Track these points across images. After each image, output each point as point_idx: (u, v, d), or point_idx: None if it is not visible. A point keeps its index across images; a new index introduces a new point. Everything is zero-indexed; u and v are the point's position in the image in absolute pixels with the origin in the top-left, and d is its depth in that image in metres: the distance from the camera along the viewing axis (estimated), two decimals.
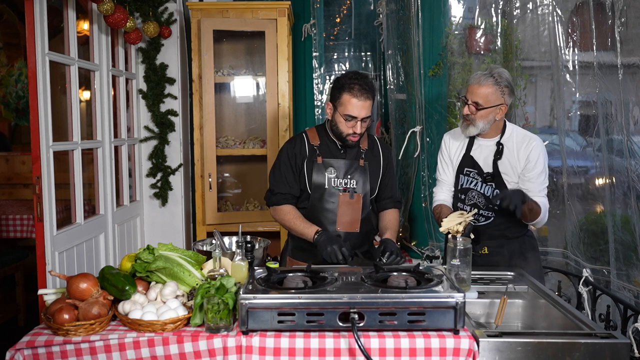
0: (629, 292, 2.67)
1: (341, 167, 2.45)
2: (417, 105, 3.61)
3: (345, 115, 2.34)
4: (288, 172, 2.48)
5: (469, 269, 2.11)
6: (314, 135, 2.52)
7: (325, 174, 2.44)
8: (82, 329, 1.74)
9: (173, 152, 4.05)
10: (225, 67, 3.93)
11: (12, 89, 5.72)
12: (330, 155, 2.47)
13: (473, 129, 2.44)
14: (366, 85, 2.33)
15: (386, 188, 2.58)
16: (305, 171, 2.45)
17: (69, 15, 3.13)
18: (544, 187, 2.46)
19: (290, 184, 2.48)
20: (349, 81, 2.34)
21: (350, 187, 2.45)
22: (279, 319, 1.73)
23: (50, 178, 2.87)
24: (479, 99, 2.38)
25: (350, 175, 2.45)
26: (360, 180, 2.46)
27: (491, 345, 1.70)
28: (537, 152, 2.44)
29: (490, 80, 2.37)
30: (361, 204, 2.45)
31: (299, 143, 2.50)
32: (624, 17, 2.62)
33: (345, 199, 2.44)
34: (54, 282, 2.86)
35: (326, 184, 2.44)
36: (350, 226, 2.45)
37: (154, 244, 2.13)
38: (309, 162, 2.46)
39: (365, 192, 2.46)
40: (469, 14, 3.52)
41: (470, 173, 2.53)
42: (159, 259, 1.99)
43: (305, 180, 2.45)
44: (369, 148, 2.54)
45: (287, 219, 2.46)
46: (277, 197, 2.49)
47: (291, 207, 2.49)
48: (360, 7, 4.42)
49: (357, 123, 2.34)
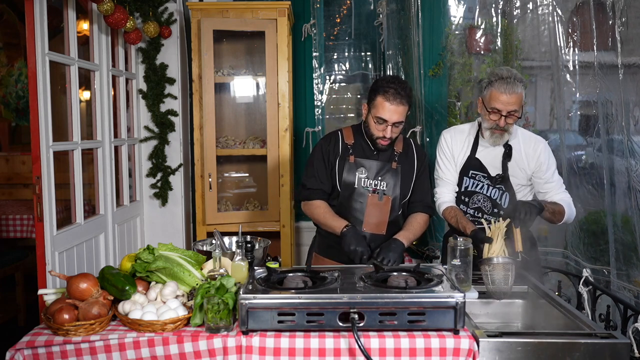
0: (629, 292, 2.67)
1: (372, 167, 2.44)
2: (417, 105, 3.61)
3: (377, 117, 2.33)
4: (320, 168, 2.48)
5: (469, 268, 2.11)
6: (349, 133, 2.52)
7: (356, 173, 2.43)
8: (82, 329, 1.74)
9: (173, 152, 4.05)
10: (225, 67, 3.93)
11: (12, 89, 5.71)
12: (363, 156, 2.47)
13: (507, 136, 2.42)
14: (402, 90, 2.30)
15: (418, 191, 2.53)
16: (337, 169, 2.45)
17: (69, 15, 3.13)
18: (561, 182, 2.48)
19: (322, 180, 2.48)
20: (385, 84, 2.32)
21: (380, 188, 2.43)
22: (279, 319, 1.73)
23: (50, 178, 2.87)
24: (516, 106, 2.34)
25: (381, 177, 2.44)
26: (391, 183, 2.44)
27: (491, 345, 1.70)
28: (545, 153, 2.45)
29: (520, 86, 2.34)
30: (389, 207, 2.43)
31: (333, 140, 2.51)
32: (624, 16, 2.62)
33: (374, 200, 2.43)
34: (54, 282, 2.86)
35: (356, 184, 2.43)
36: (376, 228, 2.44)
37: (154, 244, 2.13)
38: (341, 160, 2.46)
39: (395, 195, 2.45)
40: (469, 14, 3.52)
41: (476, 176, 2.49)
42: (159, 259, 1.99)
43: (336, 178, 2.45)
44: (403, 151, 2.51)
45: (317, 213, 2.46)
46: (309, 192, 2.50)
47: (322, 202, 2.48)
48: (360, 7, 4.41)
49: (388, 127, 2.33)
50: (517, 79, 2.34)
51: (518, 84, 2.34)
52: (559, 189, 2.47)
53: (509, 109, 2.34)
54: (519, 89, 2.33)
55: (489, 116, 2.39)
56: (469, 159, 2.52)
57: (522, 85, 2.35)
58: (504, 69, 2.43)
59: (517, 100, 2.34)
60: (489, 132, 2.43)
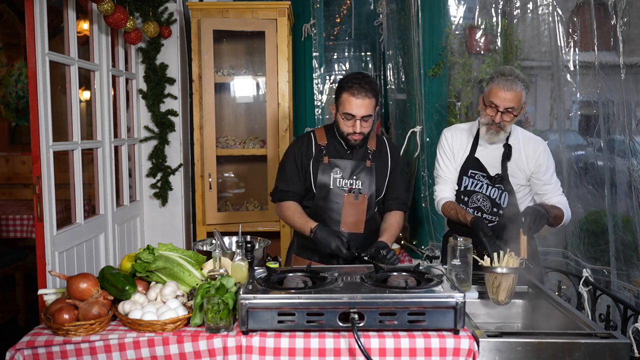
0: (629, 292, 2.67)
1: (347, 167, 2.45)
2: (417, 105, 3.60)
3: (344, 114, 2.34)
4: (292, 171, 2.49)
5: (469, 268, 2.11)
6: (321, 135, 2.52)
7: (330, 174, 2.44)
8: (82, 329, 1.74)
9: (173, 152, 4.05)
10: (225, 67, 3.93)
11: (12, 89, 5.71)
12: (337, 156, 2.47)
13: (503, 135, 2.42)
14: (365, 84, 2.31)
15: (392, 189, 2.55)
16: (311, 171, 2.45)
17: (69, 15, 3.13)
18: (559, 185, 2.49)
19: (295, 182, 2.48)
20: (349, 81, 2.34)
21: (355, 187, 2.44)
22: (279, 319, 1.73)
23: (50, 178, 2.87)
24: (513, 104, 2.34)
25: (356, 175, 2.44)
26: (366, 181, 2.45)
27: (491, 345, 1.70)
28: (545, 155, 2.46)
29: (520, 85, 2.34)
30: (366, 205, 2.44)
31: (306, 142, 2.51)
32: (626, 16, 2.61)
33: (350, 200, 2.43)
34: (54, 282, 2.86)
35: (331, 184, 2.43)
36: (354, 227, 2.45)
37: (154, 244, 2.13)
38: (315, 161, 2.46)
39: (371, 193, 2.45)
40: (469, 14, 3.51)
41: (476, 175, 2.50)
42: (159, 259, 1.99)
43: (311, 179, 2.45)
44: (376, 149, 2.52)
45: (288, 215, 2.47)
46: (281, 194, 2.51)
47: (293, 203, 2.49)
48: (360, 7, 4.41)
49: (357, 122, 2.33)
50: (518, 78, 2.35)
51: (518, 82, 2.34)
52: (556, 191, 2.48)
53: (506, 105, 2.34)
54: (519, 87, 2.34)
55: (485, 111, 2.41)
56: (468, 158, 2.52)
57: (522, 85, 2.35)
58: (507, 68, 2.45)
59: (515, 98, 2.34)
60: (485, 127, 2.44)
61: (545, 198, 2.47)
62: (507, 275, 1.99)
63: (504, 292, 2.01)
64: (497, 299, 2.03)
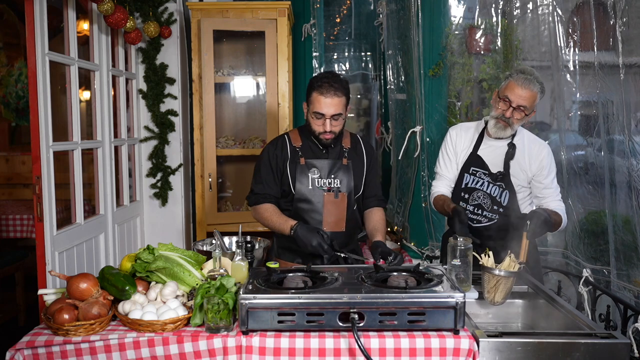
0: (629, 292, 2.67)
1: (324, 167, 2.46)
2: (417, 105, 3.60)
3: (314, 113, 2.35)
4: (267, 174, 2.49)
5: (469, 268, 2.11)
6: (295, 136, 2.53)
7: (308, 174, 2.44)
8: (82, 329, 1.74)
9: (173, 152, 4.05)
10: (225, 67, 3.93)
11: (12, 89, 5.71)
12: (313, 156, 2.48)
13: (510, 130, 2.44)
14: (335, 82, 2.33)
15: (369, 186, 2.58)
16: (288, 173, 2.46)
17: (69, 15, 3.13)
18: (558, 191, 2.51)
19: (270, 185, 2.49)
20: (318, 80, 2.35)
21: (334, 186, 2.45)
22: (279, 319, 1.73)
23: (50, 178, 2.87)
24: (527, 103, 2.36)
25: (334, 174, 2.46)
26: (345, 179, 2.46)
27: (491, 345, 1.70)
28: (548, 159, 2.48)
29: (537, 86, 2.37)
30: (346, 203, 2.46)
31: (280, 145, 2.51)
32: (625, 16, 2.61)
33: (330, 199, 2.44)
34: (54, 282, 2.86)
35: (310, 185, 2.44)
36: (336, 225, 2.46)
37: (154, 244, 2.13)
38: (291, 163, 2.46)
39: (350, 190, 2.47)
40: (469, 14, 3.51)
41: (477, 173, 2.51)
42: (159, 259, 1.99)
43: (289, 182, 2.46)
44: (351, 146, 2.54)
45: (265, 217, 2.47)
46: (256, 197, 2.51)
47: (270, 205, 2.49)
48: (360, 7, 4.41)
49: (327, 121, 2.34)
50: (537, 80, 2.38)
51: (536, 83, 2.37)
52: (555, 196, 2.50)
53: (519, 102, 2.36)
54: (535, 88, 2.36)
55: (498, 104, 2.43)
56: (470, 156, 2.54)
57: (539, 87, 2.38)
58: (528, 68, 2.48)
59: (530, 97, 2.36)
60: (494, 120, 2.45)
61: (544, 202, 2.49)
62: (506, 278, 1.99)
63: (500, 294, 2.02)
64: (492, 299, 2.04)
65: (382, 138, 4.49)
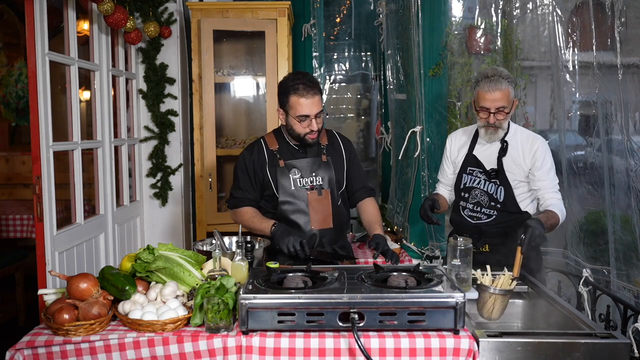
0: (629, 292, 2.67)
1: (304, 166, 2.47)
2: (417, 105, 3.60)
3: (298, 116, 2.36)
4: (244, 179, 2.51)
5: (469, 268, 2.11)
6: (272, 140, 2.54)
7: (289, 175, 2.46)
8: (82, 329, 1.74)
9: (173, 152, 4.06)
10: (225, 67, 3.93)
11: (12, 89, 5.71)
12: (291, 157, 2.49)
13: (501, 132, 2.49)
14: (309, 81, 2.35)
15: (355, 179, 2.61)
16: (269, 177, 2.47)
17: (69, 15, 3.13)
18: (555, 183, 2.51)
19: (247, 190, 2.51)
20: (292, 83, 2.36)
21: (316, 184, 2.47)
22: (279, 319, 1.73)
23: (50, 178, 2.87)
24: (503, 102, 2.40)
25: (314, 172, 2.47)
26: (326, 176, 2.48)
27: (491, 345, 1.70)
28: (542, 151, 2.49)
29: (505, 82, 2.39)
30: (330, 199, 2.48)
31: (256, 150, 2.53)
32: (623, 17, 2.61)
33: (314, 197, 2.46)
34: (54, 282, 2.86)
35: (292, 186, 2.45)
36: (323, 223, 2.47)
37: (154, 244, 2.13)
38: (270, 167, 2.48)
39: (332, 186, 2.49)
40: (469, 14, 3.51)
41: (474, 172, 2.57)
42: (159, 259, 1.99)
43: (272, 185, 2.47)
44: (329, 143, 2.57)
45: (245, 219, 2.49)
46: (235, 201, 2.54)
47: (249, 208, 2.52)
48: (360, 7, 4.41)
49: (312, 121, 2.37)
50: (502, 77, 2.40)
51: (502, 80, 2.39)
52: (551, 188, 2.50)
53: (496, 106, 2.40)
54: (504, 85, 2.39)
55: (479, 115, 2.48)
56: (467, 157, 2.61)
57: (507, 82, 2.40)
58: (490, 68, 2.52)
59: (503, 96, 2.39)
60: (483, 129, 2.51)
61: (540, 194, 2.51)
62: (503, 296, 2.03)
63: (497, 311, 2.05)
64: (490, 316, 2.05)
65: (382, 138, 4.49)
